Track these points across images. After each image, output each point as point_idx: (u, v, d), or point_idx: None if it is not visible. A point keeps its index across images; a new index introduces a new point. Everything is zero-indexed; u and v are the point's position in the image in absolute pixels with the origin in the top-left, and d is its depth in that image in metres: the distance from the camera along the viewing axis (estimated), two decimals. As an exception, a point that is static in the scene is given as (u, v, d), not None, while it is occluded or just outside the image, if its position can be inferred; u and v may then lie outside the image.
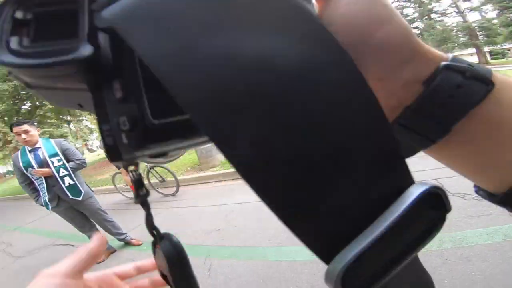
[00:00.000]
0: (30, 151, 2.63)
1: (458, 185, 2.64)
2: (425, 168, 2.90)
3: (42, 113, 14.71)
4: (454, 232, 2.20)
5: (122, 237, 3.40)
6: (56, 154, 2.66)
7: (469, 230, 2.20)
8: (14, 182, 17.55)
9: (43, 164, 2.61)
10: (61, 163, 2.67)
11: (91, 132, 18.20)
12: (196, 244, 3.12)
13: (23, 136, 2.54)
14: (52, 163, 2.62)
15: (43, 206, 2.83)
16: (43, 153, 2.63)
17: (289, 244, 2.67)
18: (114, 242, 3.46)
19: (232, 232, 3.19)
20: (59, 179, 2.64)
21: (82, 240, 3.92)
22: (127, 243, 3.44)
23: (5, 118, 14.57)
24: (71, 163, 2.76)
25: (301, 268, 2.32)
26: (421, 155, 0.23)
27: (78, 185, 2.79)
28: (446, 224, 0.16)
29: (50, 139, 2.82)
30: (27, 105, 12.91)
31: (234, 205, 3.97)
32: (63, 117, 16.32)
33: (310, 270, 2.24)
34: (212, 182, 5.41)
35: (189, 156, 7.29)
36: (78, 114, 18.64)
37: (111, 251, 3.23)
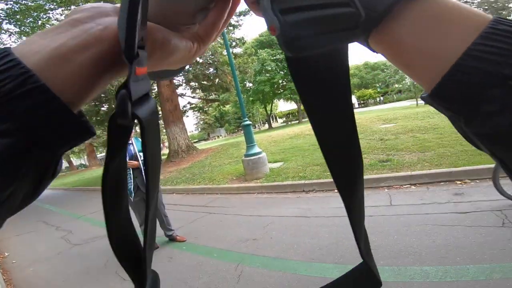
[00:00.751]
0: None
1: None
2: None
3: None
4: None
5: (170, 233, 3.65)
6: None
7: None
8: (85, 175, 20.16)
9: (133, 157, 3.04)
10: None
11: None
12: (231, 250, 3.14)
13: None
14: (140, 156, 3.01)
15: None
16: (134, 148, 3.06)
17: (321, 261, 2.56)
18: (158, 239, 3.67)
19: (268, 243, 3.14)
20: (143, 171, 2.97)
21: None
22: (172, 239, 3.64)
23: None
24: None
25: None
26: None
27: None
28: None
29: (139, 138, 3.21)
30: (105, 107, 14.40)
31: (273, 217, 3.91)
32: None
33: None
34: (254, 193, 5.43)
35: (236, 166, 7.46)
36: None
37: (156, 246, 3.44)
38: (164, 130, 11.90)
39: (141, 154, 2.97)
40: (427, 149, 5.03)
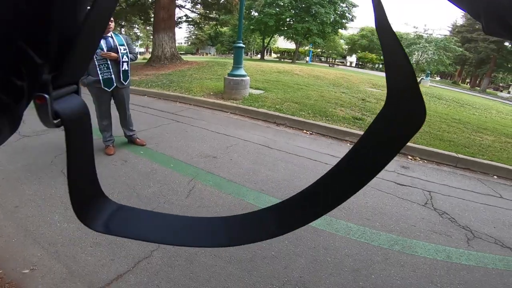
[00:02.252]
0: (103, 38, 2.81)
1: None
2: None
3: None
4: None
5: (131, 133, 3.30)
6: (123, 44, 2.93)
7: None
8: None
9: (112, 50, 2.83)
10: (125, 51, 2.93)
11: (137, 39, 17.99)
12: (189, 163, 2.91)
13: (108, 29, 2.80)
14: (120, 50, 2.87)
15: (84, 85, 2.91)
16: (114, 41, 2.85)
17: (270, 194, 2.46)
18: (116, 139, 3.31)
19: (226, 164, 2.95)
20: (120, 63, 2.90)
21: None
22: (131, 141, 3.30)
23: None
24: (130, 55, 3.02)
25: None
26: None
27: (129, 72, 3.06)
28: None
29: (117, 34, 3.03)
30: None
31: (239, 140, 3.69)
32: (119, 21, 15.75)
33: None
34: (227, 112, 5.09)
35: (216, 83, 6.88)
36: (133, 21, 18.03)
37: (112, 151, 3.05)
38: (152, 36, 10.87)
39: (122, 47, 2.89)
40: (399, 120, 4.96)
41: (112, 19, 2.89)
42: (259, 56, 35.11)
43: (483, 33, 0.23)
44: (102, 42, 2.79)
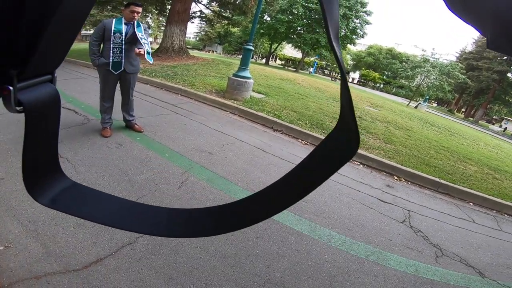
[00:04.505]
0: (125, 23, 2.92)
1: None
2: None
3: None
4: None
5: (131, 118, 3.34)
6: (142, 31, 2.99)
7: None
8: None
9: (129, 37, 2.91)
10: (147, 41, 2.98)
11: (148, 28, 17.96)
12: (184, 155, 2.96)
13: (135, 15, 2.90)
14: (141, 39, 2.91)
15: (95, 66, 2.96)
16: (133, 28, 2.93)
17: None
18: (115, 123, 3.35)
19: (221, 161, 3.02)
20: (143, 45, 2.88)
21: (88, 110, 3.84)
22: (129, 126, 3.34)
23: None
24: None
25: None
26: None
27: (147, 57, 3.05)
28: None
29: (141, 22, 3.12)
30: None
31: (235, 139, 3.77)
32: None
33: (264, 222, 2.15)
34: (227, 112, 5.17)
35: (220, 81, 6.94)
36: (149, 10, 17.97)
37: (109, 133, 3.09)
38: (162, 28, 10.89)
39: (140, 34, 2.90)
40: (390, 142, 5.13)
41: (139, 9, 2.91)
42: (264, 60, 35.30)
43: (488, 49, 0.22)
44: (123, 28, 2.88)
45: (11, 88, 0.20)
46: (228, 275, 1.59)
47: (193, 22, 22.88)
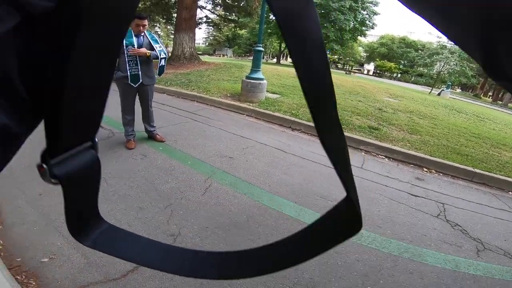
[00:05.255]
0: (135, 35, 2.94)
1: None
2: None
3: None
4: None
5: (152, 129, 3.45)
6: (157, 42, 3.08)
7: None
8: None
9: (141, 47, 2.93)
10: (161, 48, 3.06)
11: (158, 37, 18.52)
12: (206, 162, 3.02)
13: (141, 28, 2.91)
14: (156, 48, 3.00)
15: (113, 80, 2.98)
16: (145, 39, 2.98)
17: (283, 196, 2.53)
18: (137, 134, 3.46)
19: (242, 165, 3.04)
20: (159, 59, 3.03)
21: (111, 123, 3.99)
22: (151, 137, 3.45)
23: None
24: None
25: (283, 219, 2.20)
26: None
27: (164, 68, 3.20)
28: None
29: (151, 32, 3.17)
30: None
31: (255, 142, 3.78)
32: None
33: (290, 223, 2.16)
34: (244, 114, 5.19)
35: (233, 85, 7.00)
36: (156, 20, 18.56)
37: (133, 145, 3.21)
38: (171, 36, 11.21)
39: (157, 45, 3.00)
40: (415, 133, 4.94)
41: (143, 22, 2.91)
42: (275, 60, 35.25)
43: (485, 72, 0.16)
44: (134, 40, 2.92)
45: (45, 166, 0.19)
46: (257, 278, 1.59)
47: (200, 28, 23.29)
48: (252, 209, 2.28)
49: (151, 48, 2.99)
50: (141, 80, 3.03)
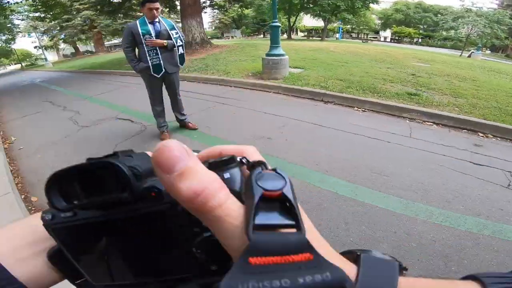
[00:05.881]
0: (150, 23, 2.73)
1: None
2: None
3: (129, 5, 14.59)
4: None
5: (183, 118, 3.31)
6: (174, 28, 2.83)
7: None
8: (91, 60, 18.22)
9: (161, 34, 2.74)
10: (177, 35, 2.84)
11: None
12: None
13: (155, 12, 2.70)
14: (172, 34, 2.78)
15: (137, 72, 2.87)
16: (162, 25, 2.76)
17: (335, 175, 2.34)
18: (169, 124, 3.33)
19: (283, 145, 2.86)
20: (176, 48, 2.83)
21: (141, 117, 3.89)
22: (183, 126, 3.33)
23: (98, 7, 15.45)
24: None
25: (340, 201, 2.04)
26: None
27: (184, 55, 2.98)
28: None
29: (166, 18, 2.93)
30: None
31: (289, 119, 3.57)
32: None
33: (348, 204, 2.00)
34: (270, 92, 4.95)
35: (253, 64, 6.71)
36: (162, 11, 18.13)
37: (167, 136, 3.09)
38: (180, 24, 10.73)
39: (173, 31, 2.79)
40: (460, 96, 4.49)
41: (155, 5, 2.71)
42: (285, 35, 33.98)
43: None
44: (150, 27, 2.71)
45: None
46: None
47: (205, 12, 22.62)
48: (306, 192, 2.12)
49: (169, 35, 2.77)
50: (164, 70, 2.85)
